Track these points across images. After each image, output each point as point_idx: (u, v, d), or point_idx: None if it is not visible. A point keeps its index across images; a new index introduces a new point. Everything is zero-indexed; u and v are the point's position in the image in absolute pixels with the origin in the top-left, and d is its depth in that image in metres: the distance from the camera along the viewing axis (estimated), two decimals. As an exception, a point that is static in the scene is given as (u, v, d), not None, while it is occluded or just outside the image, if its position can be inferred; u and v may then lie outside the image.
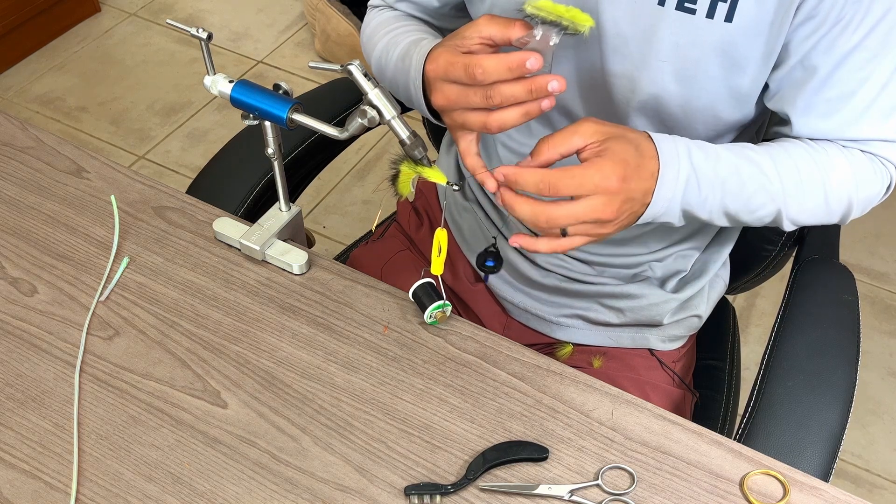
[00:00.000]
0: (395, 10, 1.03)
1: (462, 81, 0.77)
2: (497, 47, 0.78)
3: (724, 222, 0.86)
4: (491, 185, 0.79)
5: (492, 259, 0.88)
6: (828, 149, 0.86)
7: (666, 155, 0.79)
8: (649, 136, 0.80)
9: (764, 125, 1.00)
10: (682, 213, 0.82)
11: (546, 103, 0.76)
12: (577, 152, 0.77)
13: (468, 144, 0.82)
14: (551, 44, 0.74)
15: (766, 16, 0.80)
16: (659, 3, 0.81)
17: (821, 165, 0.85)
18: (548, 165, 0.77)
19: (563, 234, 0.77)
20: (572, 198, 0.75)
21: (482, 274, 0.98)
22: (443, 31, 1.05)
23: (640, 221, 0.81)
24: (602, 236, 0.79)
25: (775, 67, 0.85)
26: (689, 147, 0.80)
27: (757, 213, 0.85)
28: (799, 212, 0.86)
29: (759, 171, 0.83)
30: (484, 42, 0.77)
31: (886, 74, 0.83)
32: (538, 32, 0.74)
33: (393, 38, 0.96)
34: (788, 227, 0.88)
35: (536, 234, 0.79)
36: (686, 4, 0.80)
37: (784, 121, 0.89)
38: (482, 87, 0.75)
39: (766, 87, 0.87)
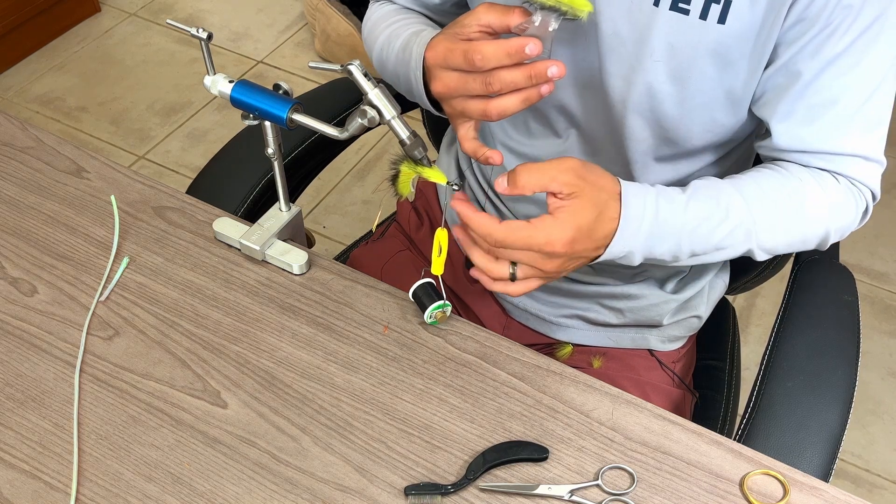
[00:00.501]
0: (396, 4, 1.04)
1: (461, 68, 0.77)
2: (496, 35, 0.77)
3: (691, 262, 0.86)
4: (497, 159, 0.80)
5: None
6: (801, 177, 0.85)
7: (630, 213, 0.78)
8: (619, 195, 0.79)
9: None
10: (644, 259, 0.82)
11: (545, 88, 0.76)
12: (549, 193, 0.77)
13: (466, 130, 0.82)
14: (550, 29, 0.74)
15: (758, 18, 0.80)
16: (654, 4, 0.81)
17: (794, 195, 0.85)
18: (520, 195, 0.77)
19: (513, 277, 0.79)
20: None
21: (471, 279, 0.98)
22: (444, 27, 1.06)
23: (592, 264, 0.82)
24: (551, 279, 0.81)
25: (764, 70, 0.85)
26: (658, 202, 0.80)
27: (726, 251, 0.85)
28: (773, 245, 0.86)
29: (727, 216, 0.82)
30: (483, 30, 0.77)
31: (871, 87, 0.82)
32: (537, 18, 0.74)
33: (394, 31, 0.96)
34: (762, 257, 0.87)
35: None
36: (680, 5, 0.80)
37: (767, 132, 0.88)
38: (481, 73, 0.75)
39: None
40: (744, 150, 0.97)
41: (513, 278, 0.79)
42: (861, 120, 0.84)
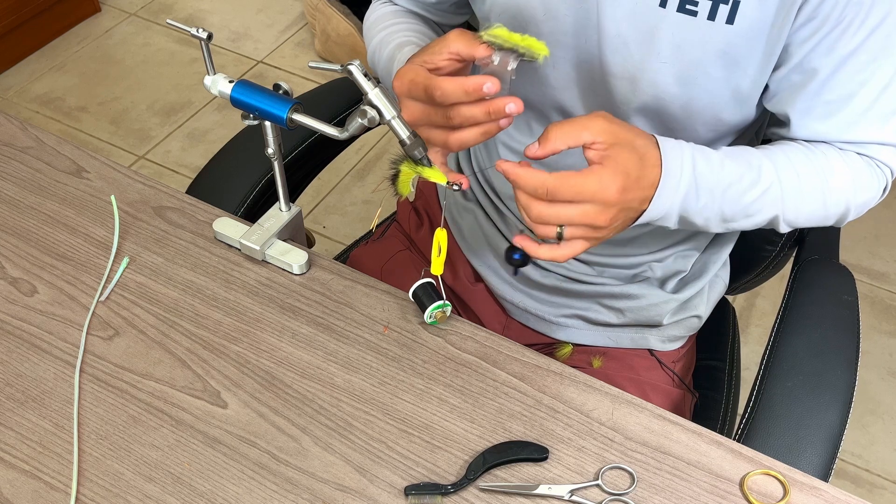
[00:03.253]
0: (396, 4, 1.04)
1: (424, 101, 0.79)
2: (465, 63, 0.79)
3: (719, 228, 0.86)
4: (465, 184, 0.81)
5: (519, 253, 0.87)
6: (826, 152, 0.86)
7: (670, 164, 0.79)
8: (656, 143, 0.79)
9: (764, 126, 1.00)
10: (679, 219, 0.82)
11: (504, 122, 0.77)
12: (584, 147, 0.76)
13: (435, 156, 0.84)
14: (509, 69, 0.77)
15: (768, 18, 0.80)
16: (660, 5, 0.81)
17: (820, 170, 0.85)
18: (553, 154, 0.76)
19: (559, 237, 0.77)
20: None
21: (511, 268, 0.98)
22: (442, 27, 1.06)
23: (634, 224, 0.81)
24: (597, 241, 0.79)
25: (775, 69, 0.85)
26: (694, 156, 0.80)
27: (754, 218, 0.85)
28: (797, 215, 0.86)
29: (759, 178, 0.83)
30: (452, 57, 0.79)
31: (886, 78, 0.83)
32: (496, 58, 0.77)
33: (386, 37, 0.97)
34: (785, 229, 0.88)
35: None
36: (687, 6, 0.80)
37: (782, 122, 0.89)
38: (443, 108, 0.77)
39: (766, 88, 0.87)
40: (748, 139, 0.97)
41: (559, 237, 0.77)
42: (877, 111, 0.84)
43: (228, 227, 0.99)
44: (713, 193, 0.81)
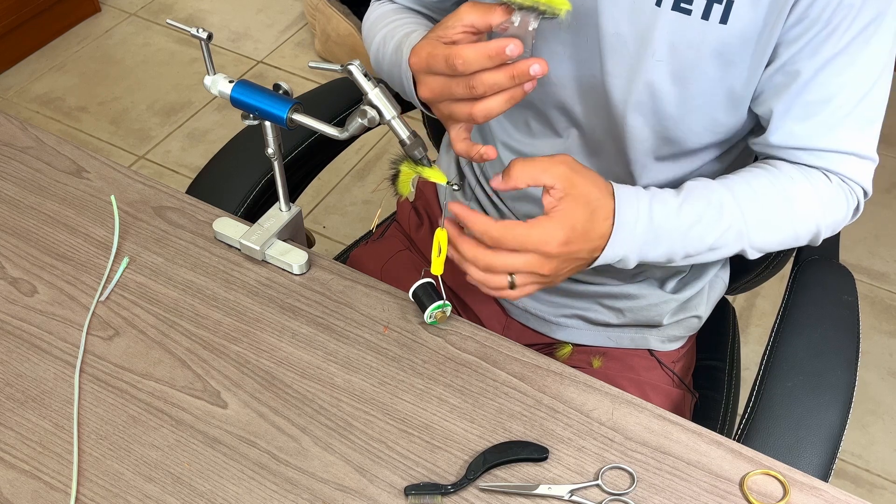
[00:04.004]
0: (396, 3, 1.04)
1: (444, 73, 0.77)
2: (480, 34, 0.78)
3: (686, 263, 0.87)
4: (491, 154, 0.81)
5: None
6: (791, 174, 0.86)
7: (623, 217, 0.80)
8: (612, 193, 0.80)
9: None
10: (638, 264, 0.83)
11: (529, 86, 0.76)
12: (544, 189, 0.78)
13: (457, 132, 0.83)
14: (530, 28, 0.75)
15: (760, 18, 0.80)
16: (656, 4, 0.81)
17: (785, 195, 0.85)
18: (514, 189, 0.79)
19: (512, 286, 0.80)
20: None
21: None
22: None
23: (589, 268, 0.83)
24: (549, 285, 0.82)
25: (763, 69, 0.85)
26: (652, 206, 0.81)
27: (719, 251, 0.86)
28: (764, 244, 0.87)
29: (720, 216, 0.83)
30: (466, 30, 0.77)
31: (866, 85, 0.83)
32: (516, 18, 0.74)
33: (390, 31, 0.96)
34: (754, 256, 0.88)
35: None
36: (682, 5, 0.81)
37: (762, 129, 0.88)
38: (465, 77, 0.76)
39: None
40: (744, 146, 0.97)
41: (512, 286, 0.80)
42: (855, 117, 0.84)
43: (228, 227, 0.99)
44: (672, 237, 0.82)
